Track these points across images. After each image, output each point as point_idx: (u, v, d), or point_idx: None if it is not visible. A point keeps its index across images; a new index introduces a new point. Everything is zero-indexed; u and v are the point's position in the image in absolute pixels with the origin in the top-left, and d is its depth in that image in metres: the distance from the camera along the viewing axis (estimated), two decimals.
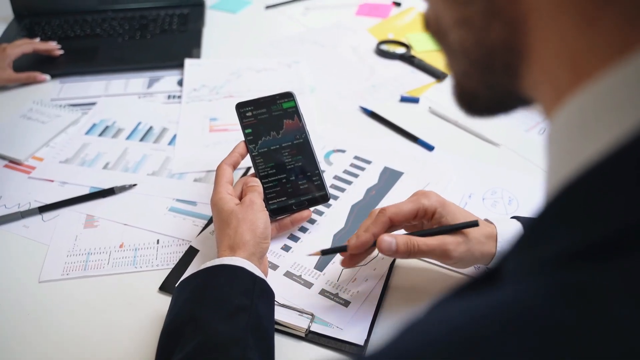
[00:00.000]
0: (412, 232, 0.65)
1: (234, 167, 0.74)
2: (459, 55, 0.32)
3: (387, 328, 0.65)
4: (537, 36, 0.26)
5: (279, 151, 0.76)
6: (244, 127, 0.77)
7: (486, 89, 0.32)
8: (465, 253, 0.62)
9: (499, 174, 0.88)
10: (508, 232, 0.64)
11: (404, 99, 1.07)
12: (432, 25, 0.33)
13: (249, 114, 0.77)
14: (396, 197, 0.82)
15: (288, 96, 0.79)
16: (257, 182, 0.73)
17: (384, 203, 0.82)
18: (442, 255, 0.62)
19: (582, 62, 0.24)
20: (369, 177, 0.87)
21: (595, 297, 0.21)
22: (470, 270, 0.70)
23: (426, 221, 0.66)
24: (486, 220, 0.67)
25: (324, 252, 0.66)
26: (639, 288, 0.20)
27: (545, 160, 0.27)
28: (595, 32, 0.23)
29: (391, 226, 0.66)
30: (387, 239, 0.61)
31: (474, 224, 0.62)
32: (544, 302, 0.21)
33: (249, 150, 0.76)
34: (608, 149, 0.22)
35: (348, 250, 0.65)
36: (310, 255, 0.67)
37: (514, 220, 0.67)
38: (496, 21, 0.28)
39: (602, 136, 0.23)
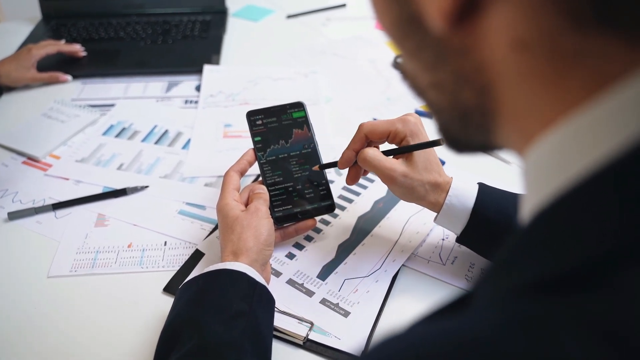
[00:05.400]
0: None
1: (242, 174, 0.75)
2: (436, 112, 0.33)
3: (380, 338, 0.66)
4: (506, 99, 0.27)
5: (286, 160, 0.77)
6: (253, 135, 0.78)
7: (465, 139, 0.33)
8: (407, 189, 0.68)
9: None
10: (462, 189, 0.68)
11: (418, 113, 1.07)
12: (410, 80, 0.34)
13: (259, 122, 0.78)
14: (403, 211, 0.83)
15: (298, 106, 0.80)
16: (263, 190, 0.74)
17: (391, 216, 0.82)
18: (388, 179, 0.68)
19: (547, 112, 0.25)
20: (377, 190, 0.88)
21: (546, 331, 0.21)
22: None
23: (396, 144, 0.71)
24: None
25: (321, 167, 0.76)
26: (593, 325, 0.21)
27: (522, 194, 0.29)
28: (560, 89, 0.24)
29: (371, 142, 0.72)
30: (348, 153, 0.71)
31: (436, 143, 0.67)
32: (496, 332, 0.22)
33: (257, 158, 0.77)
34: (569, 185, 0.24)
35: (338, 166, 0.73)
36: (312, 169, 0.77)
37: (475, 184, 0.70)
38: (466, 87, 0.29)
39: (567, 172, 0.24)
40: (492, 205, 0.68)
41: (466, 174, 0.79)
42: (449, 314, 0.27)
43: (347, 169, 0.73)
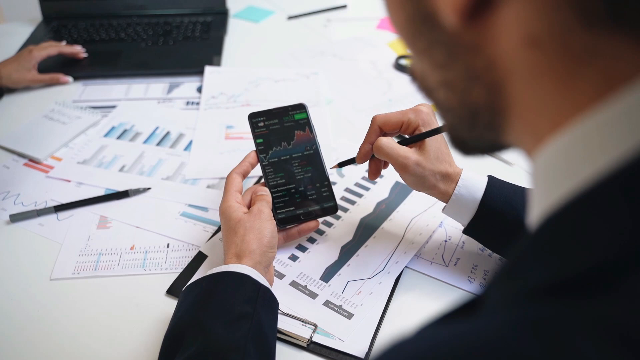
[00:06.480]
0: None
1: (244, 176, 0.75)
2: (446, 112, 0.33)
3: (389, 342, 0.66)
4: (516, 97, 0.27)
5: (289, 161, 0.77)
6: (255, 137, 0.78)
7: (473, 140, 0.33)
8: (419, 177, 0.69)
9: None
10: (472, 180, 0.69)
11: None
12: (419, 80, 0.34)
13: (261, 124, 0.78)
14: (406, 212, 0.83)
15: (300, 108, 0.80)
16: (265, 192, 0.74)
17: (394, 217, 0.82)
18: (402, 167, 0.69)
19: (558, 113, 0.25)
20: (380, 191, 0.88)
21: (561, 334, 0.21)
22: (465, 287, 0.71)
23: (409, 134, 0.72)
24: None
25: (340, 165, 0.78)
26: (607, 327, 0.21)
27: (530, 196, 0.29)
28: (571, 89, 0.24)
29: (385, 133, 0.73)
30: (364, 147, 0.73)
31: (437, 131, 0.69)
32: (509, 335, 0.22)
33: (259, 160, 0.77)
34: (580, 188, 0.24)
35: (356, 161, 0.74)
36: (331, 168, 0.79)
37: (485, 176, 0.71)
38: (476, 85, 0.29)
39: (577, 175, 0.24)
40: (500, 197, 0.68)
41: None
42: (458, 317, 0.27)
43: (367, 164, 0.75)
